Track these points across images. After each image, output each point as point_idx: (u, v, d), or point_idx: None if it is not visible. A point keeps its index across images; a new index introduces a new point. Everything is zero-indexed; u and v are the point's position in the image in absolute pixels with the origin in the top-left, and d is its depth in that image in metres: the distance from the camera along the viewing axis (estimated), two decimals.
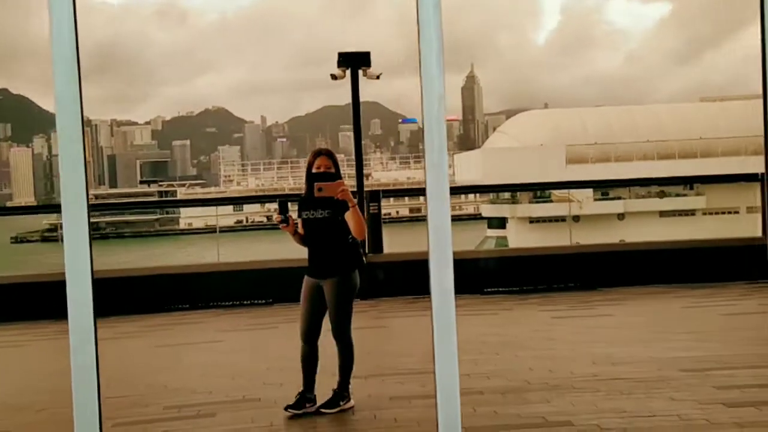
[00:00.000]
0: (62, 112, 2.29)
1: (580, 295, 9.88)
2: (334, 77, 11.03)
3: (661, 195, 48.55)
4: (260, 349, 7.50)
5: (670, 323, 8.00)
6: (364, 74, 10.95)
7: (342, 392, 5.31)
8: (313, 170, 5.19)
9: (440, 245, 2.61)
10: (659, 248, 11.43)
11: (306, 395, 5.28)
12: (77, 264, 2.38)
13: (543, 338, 7.32)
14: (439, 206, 2.60)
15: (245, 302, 10.11)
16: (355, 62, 10.90)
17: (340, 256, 5.21)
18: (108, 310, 9.74)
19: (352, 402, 5.33)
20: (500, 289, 10.45)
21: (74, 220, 2.35)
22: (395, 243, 13.78)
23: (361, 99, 10.94)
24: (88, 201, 2.34)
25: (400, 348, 7.29)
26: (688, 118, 56.52)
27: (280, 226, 5.18)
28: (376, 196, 11.22)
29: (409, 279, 10.59)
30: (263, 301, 10.11)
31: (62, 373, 6.83)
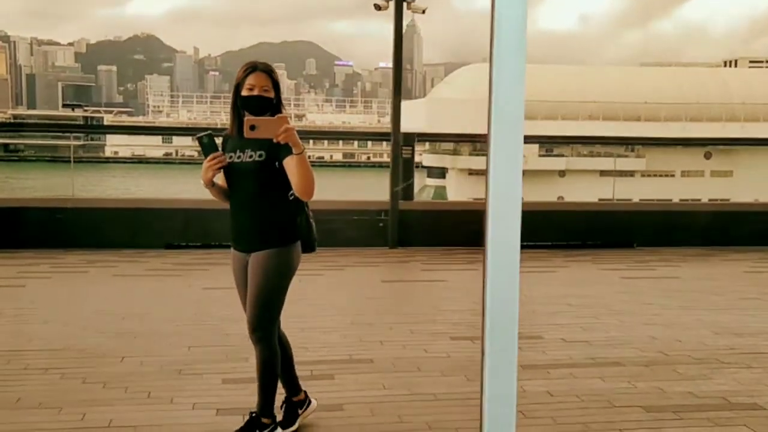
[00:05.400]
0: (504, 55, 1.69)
1: (623, 253, 9.44)
2: (378, 7, 10.13)
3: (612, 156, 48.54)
4: (325, 301, 6.77)
5: (752, 288, 7.62)
6: (408, 7, 10.09)
7: (260, 418, 3.67)
8: (244, 93, 3.49)
9: None
10: (697, 210, 11.11)
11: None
12: (508, 199, 1.74)
13: (638, 302, 6.81)
14: None
15: None
16: None
17: (275, 220, 3.57)
18: (124, 242, 8.87)
19: None
20: (530, 243, 9.90)
21: (508, 155, 1.79)
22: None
23: (297, 38, 10.07)
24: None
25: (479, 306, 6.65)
26: (633, 82, 56.99)
27: (213, 169, 3.43)
28: (410, 139, 10.51)
29: (440, 229, 9.97)
30: None
31: (115, 315, 5.99)
